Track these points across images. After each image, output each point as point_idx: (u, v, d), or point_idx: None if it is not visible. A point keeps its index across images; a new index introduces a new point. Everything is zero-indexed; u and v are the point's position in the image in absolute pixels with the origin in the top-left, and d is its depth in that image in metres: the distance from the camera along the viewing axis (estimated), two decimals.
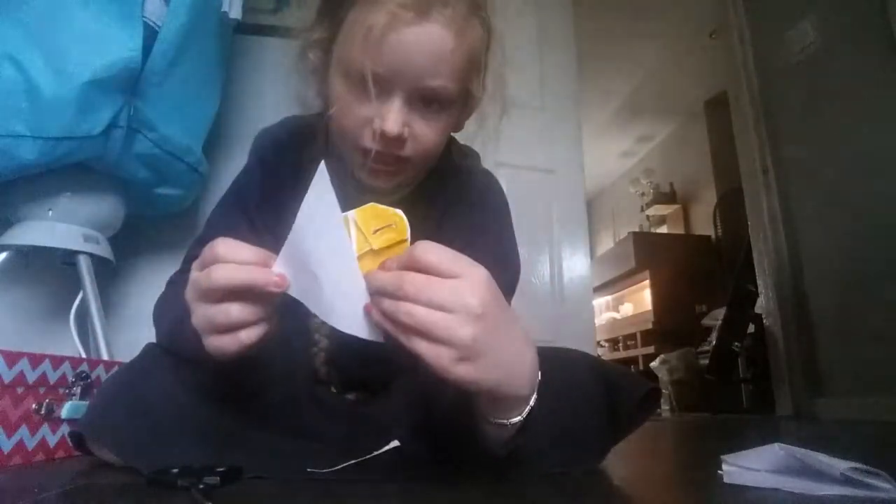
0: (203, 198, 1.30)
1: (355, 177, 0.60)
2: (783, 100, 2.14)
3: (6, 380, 0.68)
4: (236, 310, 0.41)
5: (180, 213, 1.27)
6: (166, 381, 0.55)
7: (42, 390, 0.73)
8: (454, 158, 0.67)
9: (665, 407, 2.89)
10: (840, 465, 0.44)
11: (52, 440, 0.73)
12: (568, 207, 1.99)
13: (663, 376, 3.02)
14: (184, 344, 0.49)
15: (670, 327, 3.59)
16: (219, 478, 0.45)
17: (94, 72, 0.90)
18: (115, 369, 0.82)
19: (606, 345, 4.40)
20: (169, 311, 0.57)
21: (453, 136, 0.69)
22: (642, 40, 3.40)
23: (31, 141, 0.88)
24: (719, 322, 2.56)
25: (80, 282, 1.07)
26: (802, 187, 2.06)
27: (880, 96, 1.73)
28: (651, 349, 3.62)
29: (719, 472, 0.53)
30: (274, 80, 1.46)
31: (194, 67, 1.12)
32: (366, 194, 0.63)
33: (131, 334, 0.88)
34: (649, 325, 3.74)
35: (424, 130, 0.55)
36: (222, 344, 0.42)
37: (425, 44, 0.50)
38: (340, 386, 0.68)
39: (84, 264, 1.07)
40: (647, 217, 4.67)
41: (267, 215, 0.64)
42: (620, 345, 4.20)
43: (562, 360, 0.66)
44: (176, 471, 0.46)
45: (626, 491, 0.57)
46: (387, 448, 0.52)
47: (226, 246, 0.41)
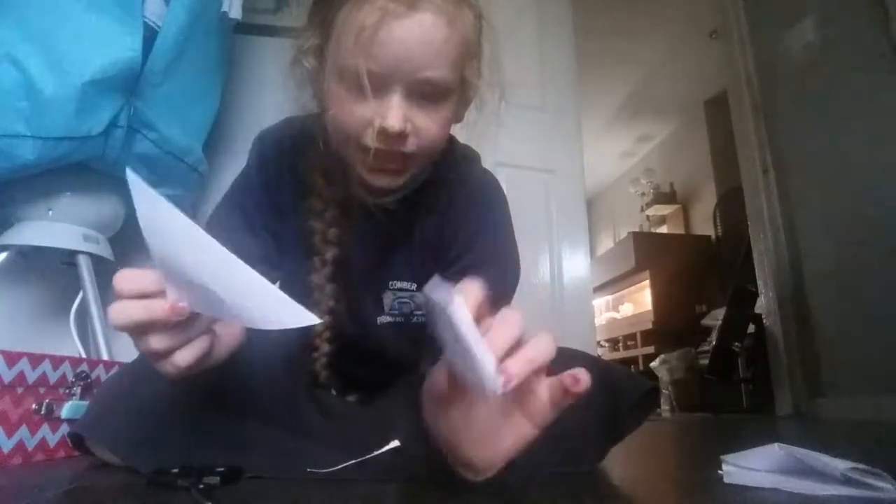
0: (203, 198, 1.30)
1: (359, 179, 0.59)
2: (783, 100, 2.14)
3: (6, 380, 0.68)
4: (155, 341, 0.39)
5: None
6: (166, 381, 0.55)
7: (42, 390, 0.73)
8: (455, 159, 0.67)
9: (665, 407, 2.89)
10: (840, 465, 0.44)
11: (52, 440, 0.73)
12: (568, 207, 1.99)
13: (663, 376, 3.02)
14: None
15: (670, 327, 3.59)
16: (219, 478, 0.45)
17: (94, 72, 0.90)
18: (115, 370, 0.82)
19: (606, 345, 4.40)
20: None
21: (454, 137, 0.69)
22: (642, 40, 3.40)
23: (31, 141, 0.88)
24: (719, 322, 2.56)
25: (80, 282, 1.07)
26: (802, 187, 2.06)
27: (880, 96, 1.73)
28: (651, 349, 3.62)
29: (719, 472, 0.53)
30: (274, 80, 1.44)
31: (194, 67, 1.12)
32: (370, 195, 0.63)
33: None
34: (649, 325, 3.74)
35: (426, 123, 0.54)
36: (164, 369, 0.40)
37: (418, 35, 0.50)
38: (341, 389, 0.69)
39: (84, 264, 1.07)
40: (647, 217, 4.66)
41: (267, 216, 0.64)
42: (620, 345, 4.20)
43: (562, 360, 0.67)
44: (176, 471, 0.46)
45: (626, 491, 0.57)
46: (386, 448, 0.52)
47: (121, 280, 0.38)
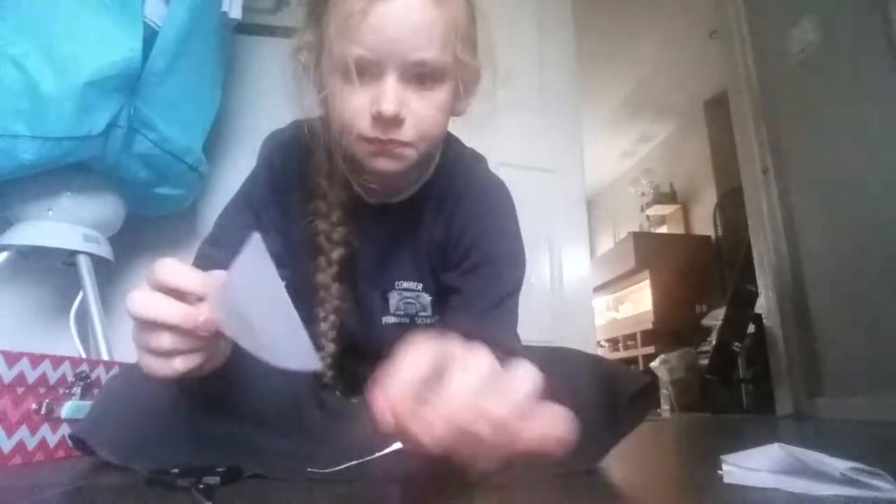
0: (203, 198, 1.30)
1: (366, 168, 0.59)
2: (783, 100, 2.14)
3: (6, 380, 0.68)
4: (168, 340, 0.37)
5: (180, 213, 1.27)
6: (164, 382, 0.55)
7: (42, 390, 0.73)
8: (462, 160, 0.68)
9: (665, 407, 2.88)
10: (840, 465, 0.44)
11: (52, 440, 0.73)
12: (568, 207, 1.99)
13: (663, 376, 3.01)
14: None
15: (670, 327, 3.59)
16: (219, 478, 0.45)
17: (94, 72, 0.90)
18: (115, 370, 0.82)
19: (606, 345, 4.40)
20: None
21: (460, 140, 0.70)
22: (642, 40, 3.40)
23: (31, 141, 0.88)
24: (719, 322, 2.55)
25: (80, 282, 1.07)
26: (802, 187, 2.06)
27: (880, 96, 1.73)
28: (651, 349, 3.62)
29: (719, 472, 0.53)
30: (274, 80, 1.45)
31: (194, 67, 1.12)
32: (375, 196, 0.63)
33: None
34: (649, 325, 3.74)
35: (422, 107, 0.54)
36: (155, 366, 0.39)
37: (406, 16, 0.51)
38: (345, 390, 0.69)
39: (84, 264, 1.07)
40: (647, 217, 4.66)
41: (275, 215, 0.65)
42: (620, 345, 4.20)
43: (561, 359, 0.67)
44: (176, 471, 0.46)
45: (626, 491, 0.57)
46: (389, 450, 0.52)
47: (163, 270, 0.37)
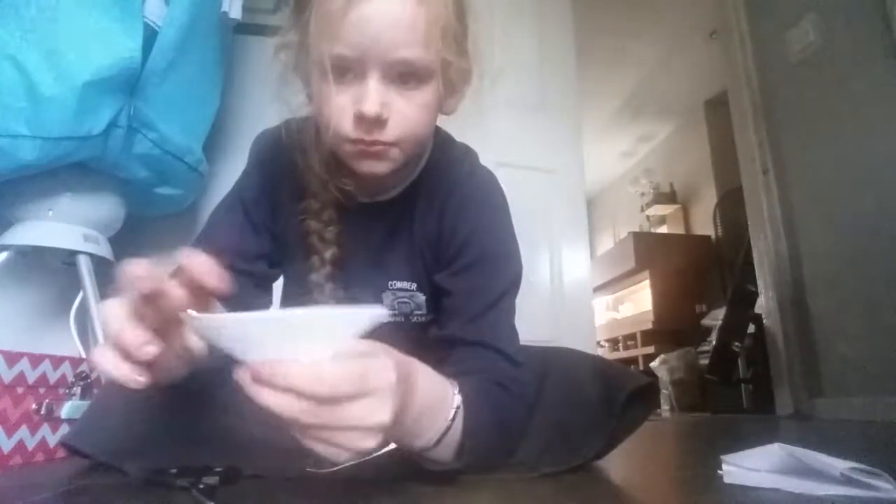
0: (203, 198, 1.30)
1: (351, 172, 0.59)
2: (783, 100, 2.14)
3: (6, 380, 0.68)
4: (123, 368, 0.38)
5: (180, 213, 1.27)
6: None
7: (42, 390, 0.73)
8: (452, 156, 0.67)
9: (665, 407, 2.89)
10: (840, 465, 0.44)
11: (52, 440, 0.73)
12: (568, 207, 1.99)
13: (663, 376, 3.01)
14: None
15: (670, 327, 3.59)
16: (218, 478, 0.45)
17: (94, 72, 0.90)
18: None
19: (606, 345, 4.40)
20: None
21: (450, 134, 0.69)
22: (642, 40, 3.40)
23: (31, 141, 0.88)
24: (719, 322, 2.55)
25: (80, 282, 1.07)
26: (802, 187, 2.05)
27: (880, 96, 1.73)
28: (651, 349, 3.62)
29: (719, 472, 0.53)
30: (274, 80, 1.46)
31: (194, 67, 1.12)
32: (365, 194, 0.63)
33: None
34: (649, 325, 3.74)
35: (405, 107, 0.54)
36: (122, 380, 0.38)
37: (386, 14, 0.50)
38: None
39: (84, 264, 1.07)
40: (647, 217, 4.66)
41: (266, 215, 0.65)
42: (620, 345, 4.20)
43: (561, 359, 0.67)
44: (175, 471, 0.46)
45: (626, 491, 0.57)
46: (387, 449, 0.52)
47: (110, 323, 0.38)
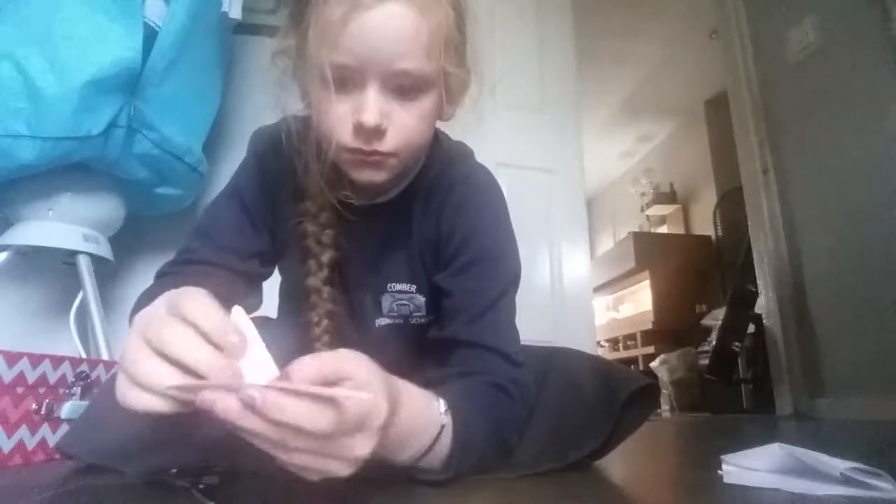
0: (203, 197, 1.30)
1: (348, 178, 0.59)
2: (783, 100, 2.14)
3: (6, 380, 0.68)
4: (173, 379, 0.33)
5: (180, 213, 1.27)
6: None
7: (42, 390, 0.73)
8: (449, 156, 0.66)
9: (665, 407, 2.89)
10: (840, 465, 0.44)
11: (52, 440, 0.73)
12: (568, 207, 1.99)
13: (663, 376, 3.02)
14: None
15: (670, 327, 3.59)
16: (219, 477, 0.45)
17: (94, 72, 0.90)
18: (115, 370, 0.82)
19: (606, 345, 4.40)
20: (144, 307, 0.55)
21: (447, 135, 0.69)
22: (642, 40, 3.40)
23: (31, 141, 0.88)
24: (719, 322, 2.55)
25: (80, 282, 1.07)
26: (802, 187, 2.05)
27: (880, 96, 1.73)
28: (651, 349, 3.62)
29: (719, 472, 0.53)
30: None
31: (194, 67, 1.12)
32: (361, 197, 0.63)
33: None
34: (649, 325, 3.74)
35: (404, 117, 0.53)
36: (136, 398, 0.34)
37: (388, 25, 0.50)
38: None
39: (84, 264, 1.07)
40: (647, 217, 4.66)
41: (264, 214, 0.65)
42: (620, 345, 4.20)
43: (562, 359, 0.67)
44: (174, 471, 0.46)
45: (626, 491, 0.57)
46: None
47: (192, 308, 0.34)
